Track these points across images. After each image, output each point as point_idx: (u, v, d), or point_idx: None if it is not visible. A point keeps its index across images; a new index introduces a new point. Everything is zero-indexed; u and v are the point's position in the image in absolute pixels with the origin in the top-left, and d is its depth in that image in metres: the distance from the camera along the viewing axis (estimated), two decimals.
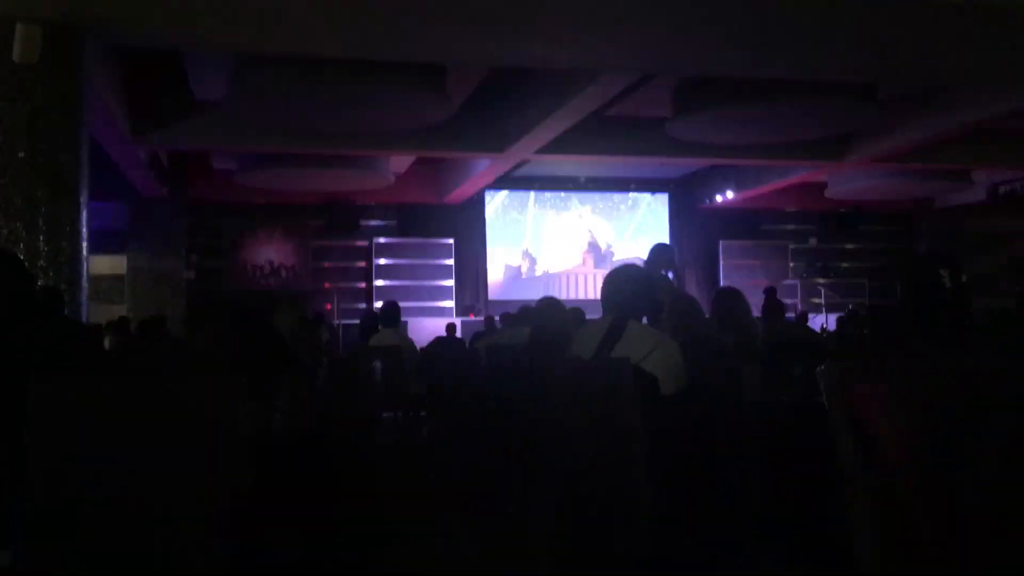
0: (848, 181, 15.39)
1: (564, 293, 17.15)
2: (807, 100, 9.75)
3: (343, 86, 8.75)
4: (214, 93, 10.16)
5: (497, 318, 12.31)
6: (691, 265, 17.74)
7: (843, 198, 16.70)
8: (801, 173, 14.91)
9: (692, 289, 17.10)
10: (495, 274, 17.34)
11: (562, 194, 17.62)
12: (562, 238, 17.65)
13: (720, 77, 9.30)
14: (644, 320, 3.75)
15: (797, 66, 8.07)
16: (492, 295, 17.13)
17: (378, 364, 4.37)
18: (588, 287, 17.42)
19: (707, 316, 4.94)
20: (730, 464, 3.57)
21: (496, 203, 17.48)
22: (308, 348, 7.77)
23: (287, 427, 3.26)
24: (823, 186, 16.29)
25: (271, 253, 16.13)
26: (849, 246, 18.67)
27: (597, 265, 17.61)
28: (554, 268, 17.54)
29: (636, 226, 18.06)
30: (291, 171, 13.46)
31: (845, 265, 18.49)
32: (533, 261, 17.52)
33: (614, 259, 17.68)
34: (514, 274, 17.45)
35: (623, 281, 3.75)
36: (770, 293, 8.10)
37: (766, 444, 3.42)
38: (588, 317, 9.11)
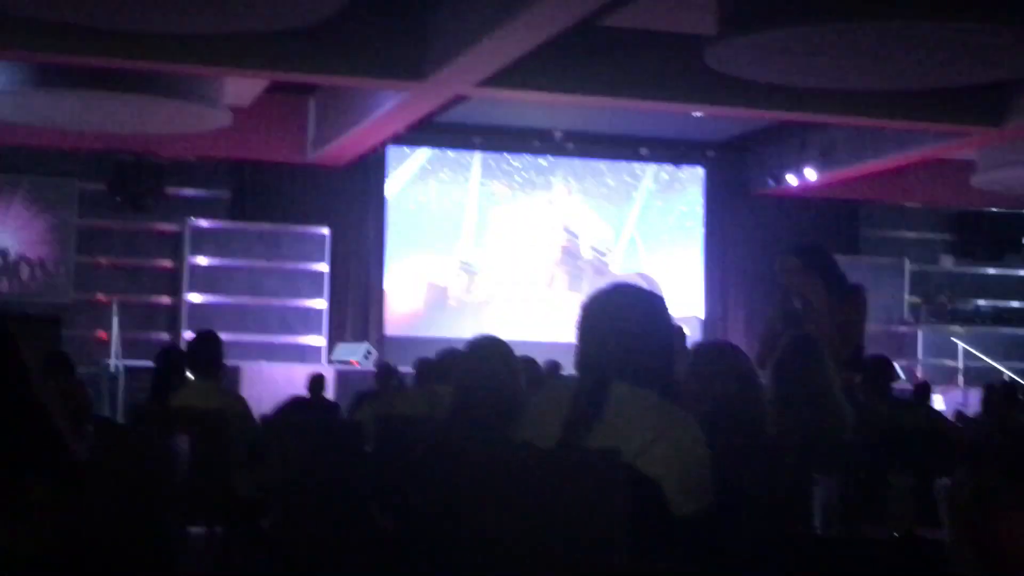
0: (1010, 163, 15.67)
1: (518, 331, 17.19)
2: (947, 19, 9.91)
3: None
4: None
5: (395, 369, 12.30)
6: (737, 292, 17.89)
7: (1000, 190, 17.00)
8: (933, 145, 15.13)
9: (737, 334, 17.25)
10: (404, 294, 17.36)
11: (526, 160, 17.71)
12: (522, 237, 17.73)
13: None
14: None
15: None
16: (395, 329, 17.14)
17: (183, 441, 4.33)
18: (556, 322, 17.46)
19: (761, 385, 5.00)
20: None
21: (410, 169, 17.53)
22: (63, 410, 7.70)
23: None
24: (968, 169, 16.57)
25: (5, 235, 15.97)
26: (1008, 273, 18.99)
27: (573, 285, 17.70)
28: (505, 289, 17.60)
29: (645, 219, 18.21)
30: (47, 96, 13.33)
31: (1000, 305, 18.81)
32: (473, 276, 17.57)
33: (606, 275, 17.77)
34: (438, 296, 17.47)
35: (611, 314, 3.77)
36: (875, 361, 8.20)
37: None
38: (558, 374, 9.14)
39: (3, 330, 3.74)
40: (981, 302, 18.66)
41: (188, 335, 15.33)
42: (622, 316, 3.72)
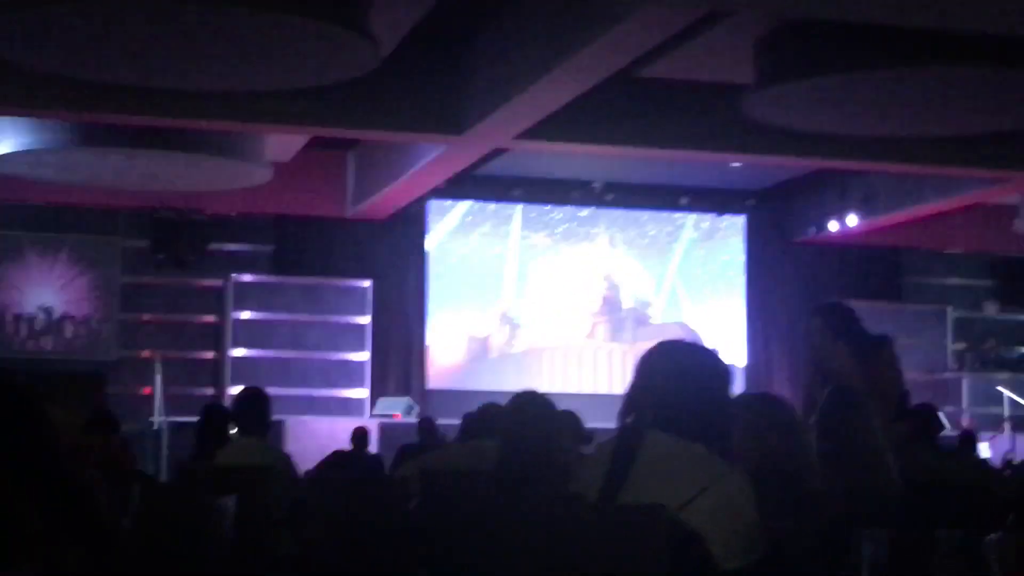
0: None
1: (559, 383, 17.19)
2: (987, 65, 9.89)
3: (188, 10, 8.80)
4: None
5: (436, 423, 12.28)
6: (780, 340, 17.81)
7: None
8: (974, 191, 15.08)
9: (780, 383, 17.16)
10: (446, 346, 17.36)
11: (567, 211, 17.72)
12: (563, 288, 17.72)
13: (838, 22, 9.43)
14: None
15: (975, 10, 8.19)
16: (437, 382, 17.13)
17: (230, 501, 4.31)
18: (597, 373, 17.44)
19: (807, 438, 4.96)
20: None
21: (451, 222, 17.56)
22: (107, 469, 7.70)
23: None
24: (1010, 215, 16.49)
25: (49, 294, 16.06)
26: None
27: (614, 336, 17.66)
28: (545, 339, 17.58)
29: (686, 269, 18.17)
30: (92, 152, 13.45)
31: None
32: (515, 328, 17.55)
33: (647, 325, 17.75)
34: (479, 349, 17.46)
35: (668, 366, 3.75)
36: (921, 411, 8.15)
37: None
38: (601, 426, 9.10)
39: (28, 395, 3.75)
40: None
41: (232, 390, 15.39)
42: (679, 369, 3.72)
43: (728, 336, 17.79)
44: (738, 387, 16.72)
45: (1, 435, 3.63)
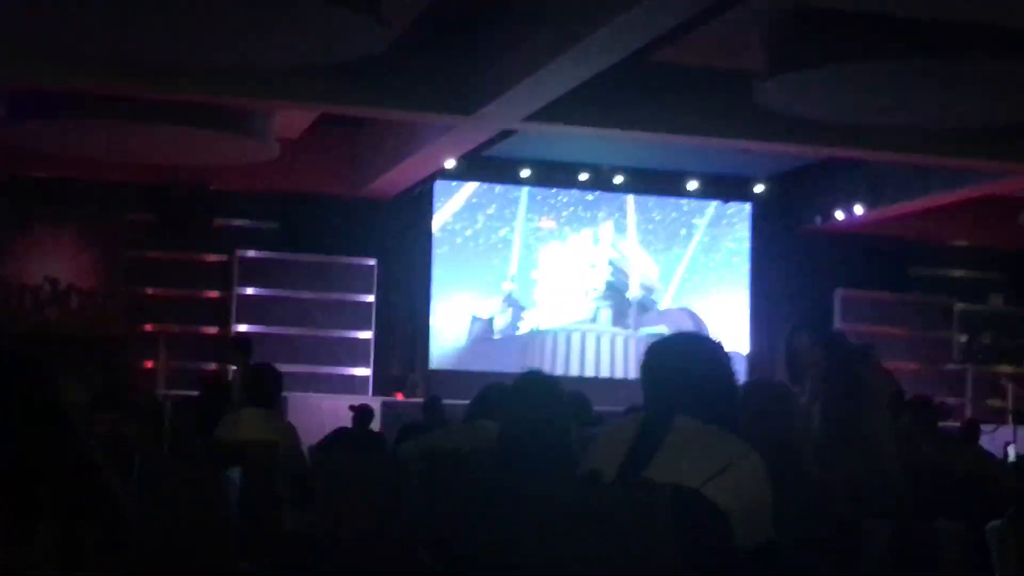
0: None
1: (562, 366, 17.20)
2: (999, 58, 9.89)
3: None
4: None
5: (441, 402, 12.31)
6: (783, 328, 17.84)
7: None
8: (981, 183, 15.07)
9: (783, 371, 17.19)
10: (449, 327, 17.38)
11: (573, 194, 17.72)
12: (567, 272, 17.73)
13: (850, 11, 9.42)
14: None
15: (986, 2, 8.19)
16: (440, 362, 17.17)
17: (236, 474, 4.30)
18: (600, 357, 17.45)
19: (808, 426, 5.00)
20: None
21: (457, 203, 17.57)
22: (107, 441, 7.72)
23: None
24: (1017, 207, 16.48)
25: (55, 265, 16.08)
26: None
27: (618, 320, 17.67)
28: (549, 322, 17.60)
29: (692, 254, 18.17)
30: (99, 125, 13.46)
31: None
32: (519, 310, 17.57)
33: (652, 310, 17.76)
34: (483, 330, 17.49)
35: (678, 357, 3.82)
36: (918, 402, 8.20)
37: None
38: (604, 409, 9.14)
39: (41, 372, 3.75)
40: None
41: (234, 366, 15.42)
42: (689, 359, 3.80)
43: (731, 323, 17.82)
44: (741, 375, 16.77)
45: (16, 410, 3.65)
